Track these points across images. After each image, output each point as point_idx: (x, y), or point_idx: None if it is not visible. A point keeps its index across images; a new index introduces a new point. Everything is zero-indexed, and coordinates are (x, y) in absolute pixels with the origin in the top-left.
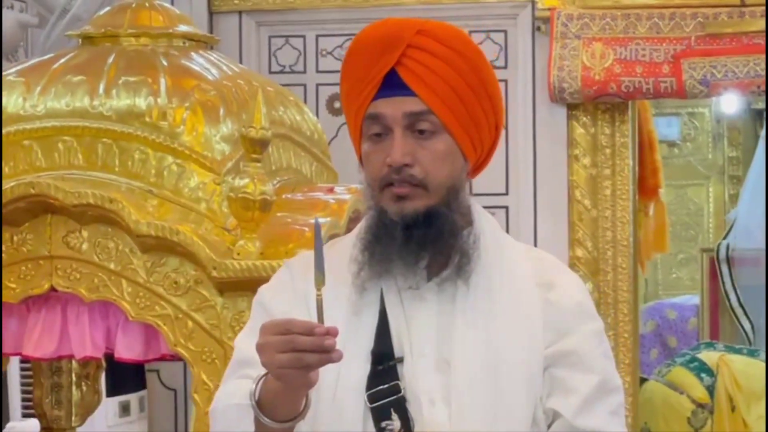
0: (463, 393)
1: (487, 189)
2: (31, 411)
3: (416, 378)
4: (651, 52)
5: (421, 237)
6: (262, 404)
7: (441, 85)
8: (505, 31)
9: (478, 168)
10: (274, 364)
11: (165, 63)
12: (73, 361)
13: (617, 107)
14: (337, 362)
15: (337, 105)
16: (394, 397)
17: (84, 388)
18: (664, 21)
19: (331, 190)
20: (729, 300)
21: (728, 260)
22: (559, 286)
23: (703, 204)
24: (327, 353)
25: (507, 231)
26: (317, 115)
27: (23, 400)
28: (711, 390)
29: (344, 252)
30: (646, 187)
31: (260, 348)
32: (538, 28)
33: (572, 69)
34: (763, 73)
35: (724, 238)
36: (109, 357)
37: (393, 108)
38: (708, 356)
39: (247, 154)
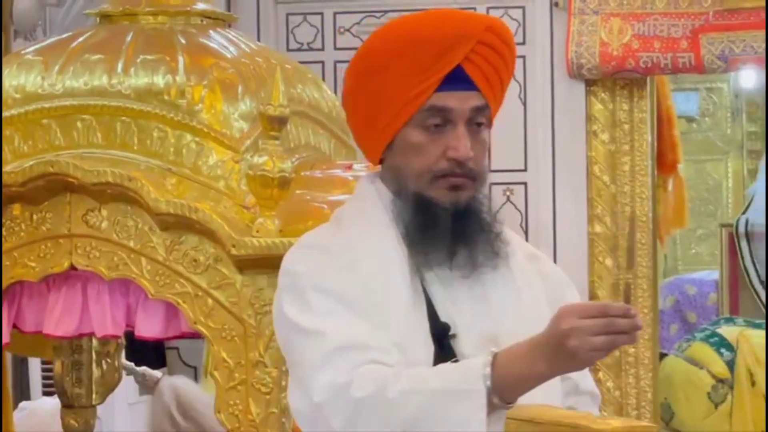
0: None
1: (506, 165)
2: (52, 389)
3: (468, 353)
4: (669, 28)
5: (463, 225)
6: (496, 388)
7: (497, 81)
8: (523, 7)
9: None
10: (588, 347)
11: (183, 41)
12: (93, 339)
13: (636, 83)
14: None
15: None
16: None
17: (104, 366)
18: None
19: (349, 167)
20: (748, 275)
21: (747, 235)
22: (539, 257)
23: (722, 179)
24: (635, 334)
25: (526, 207)
26: (335, 92)
27: (44, 378)
28: (731, 365)
29: (382, 230)
30: (664, 162)
31: (571, 332)
32: (556, 4)
33: (590, 45)
34: None
35: (743, 213)
36: (129, 335)
37: (460, 102)
38: (728, 331)
39: (265, 132)
